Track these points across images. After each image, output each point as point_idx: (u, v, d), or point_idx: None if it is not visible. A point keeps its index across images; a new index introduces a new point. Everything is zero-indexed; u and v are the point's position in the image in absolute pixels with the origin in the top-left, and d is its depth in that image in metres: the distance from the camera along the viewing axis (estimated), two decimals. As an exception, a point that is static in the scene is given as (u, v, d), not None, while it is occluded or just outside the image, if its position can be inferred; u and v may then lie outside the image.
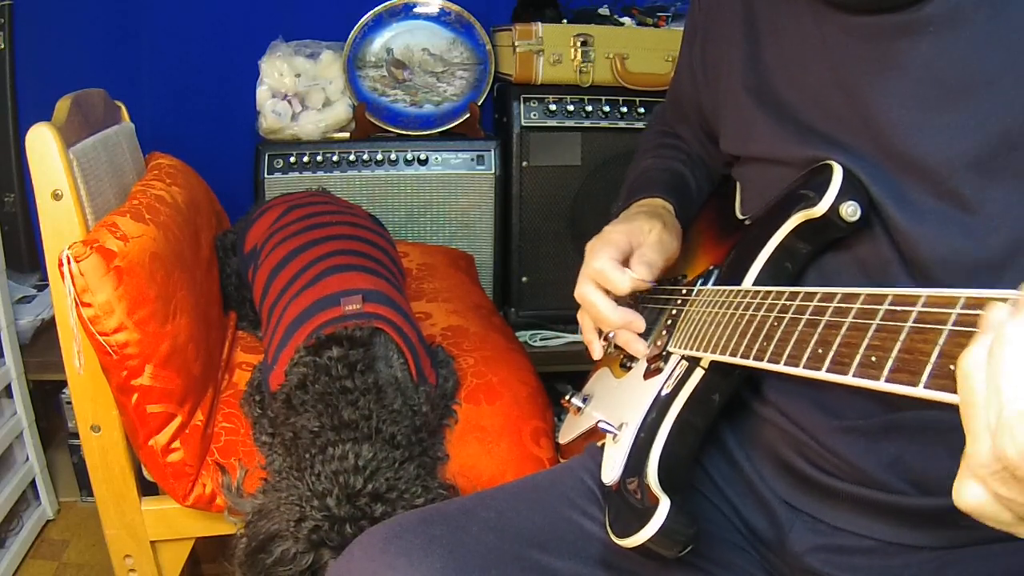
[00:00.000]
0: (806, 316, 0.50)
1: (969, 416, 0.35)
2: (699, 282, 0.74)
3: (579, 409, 0.84)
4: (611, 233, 0.77)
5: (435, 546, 0.65)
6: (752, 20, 0.71)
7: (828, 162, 0.60)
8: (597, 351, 0.80)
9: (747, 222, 0.73)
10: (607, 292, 0.75)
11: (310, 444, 0.92)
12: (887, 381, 0.40)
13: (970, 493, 0.36)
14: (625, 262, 0.76)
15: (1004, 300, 0.35)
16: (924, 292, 0.41)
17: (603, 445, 0.72)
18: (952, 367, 0.36)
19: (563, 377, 1.82)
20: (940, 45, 0.53)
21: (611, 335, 0.78)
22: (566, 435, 0.90)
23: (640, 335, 0.75)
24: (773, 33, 0.69)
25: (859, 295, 0.46)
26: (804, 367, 0.47)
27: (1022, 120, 0.50)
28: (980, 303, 0.37)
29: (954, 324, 0.38)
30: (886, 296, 0.44)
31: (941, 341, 0.38)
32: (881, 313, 0.43)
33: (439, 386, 1.11)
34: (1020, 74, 0.50)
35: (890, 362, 0.40)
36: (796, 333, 0.50)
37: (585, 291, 0.76)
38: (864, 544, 0.61)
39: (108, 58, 1.89)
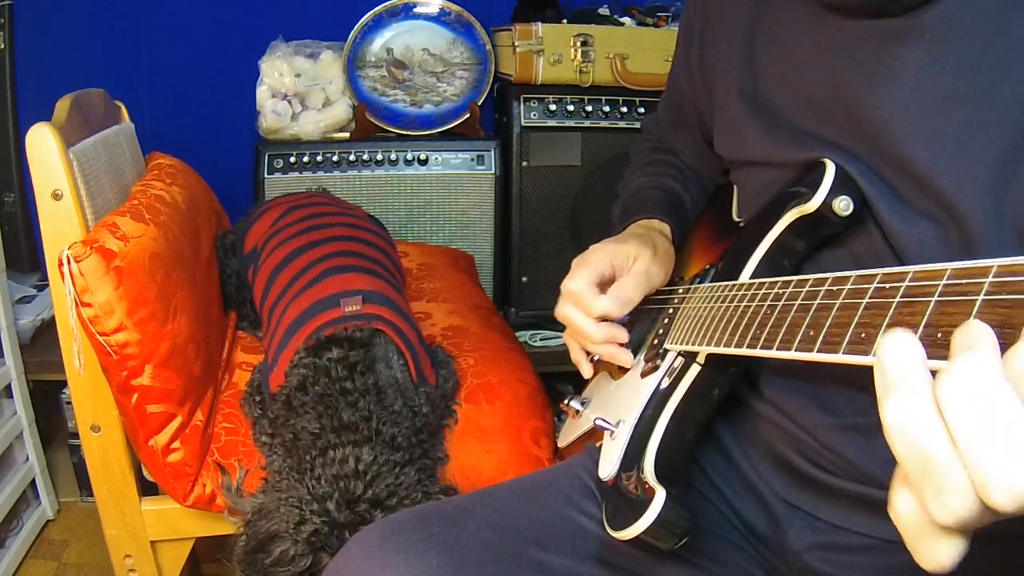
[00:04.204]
0: (798, 302, 0.51)
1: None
2: (696, 281, 0.74)
3: (578, 412, 0.84)
4: (593, 253, 0.77)
5: (432, 543, 0.65)
6: (755, 24, 0.71)
7: (821, 159, 0.60)
8: (587, 371, 0.82)
9: (742, 224, 0.73)
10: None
11: (310, 446, 0.92)
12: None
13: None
14: (608, 283, 0.76)
15: (989, 268, 0.36)
16: (912, 268, 0.41)
17: (601, 444, 0.72)
18: (939, 335, 0.36)
19: (563, 377, 1.82)
20: (935, 53, 0.53)
21: (595, 359, 0.80)
22: (565, 438, 0.90)
23: (626, 346, 0.76)
24: (769, 37, 0.69)
25: (849, 277, 0.47)
26: (796, 350, 0.48)
27: (1015, 131, 0.50)
28: (968, 273, 0.37)
29: (940, 295, 0.38)
30: (875, 275, 0.44)
31: (928, 312, 0.38)
32: (870, 291, 0.44)
33: (439, 386, 1.11)
34: (1016, 87, 0.50)
35: (879, 337, 0.40)
36: (788, 319, 0.51)
37: (564, 310, 0.78)
38: (863, 542, 0.61)
39: (108, 58, 1.89)
